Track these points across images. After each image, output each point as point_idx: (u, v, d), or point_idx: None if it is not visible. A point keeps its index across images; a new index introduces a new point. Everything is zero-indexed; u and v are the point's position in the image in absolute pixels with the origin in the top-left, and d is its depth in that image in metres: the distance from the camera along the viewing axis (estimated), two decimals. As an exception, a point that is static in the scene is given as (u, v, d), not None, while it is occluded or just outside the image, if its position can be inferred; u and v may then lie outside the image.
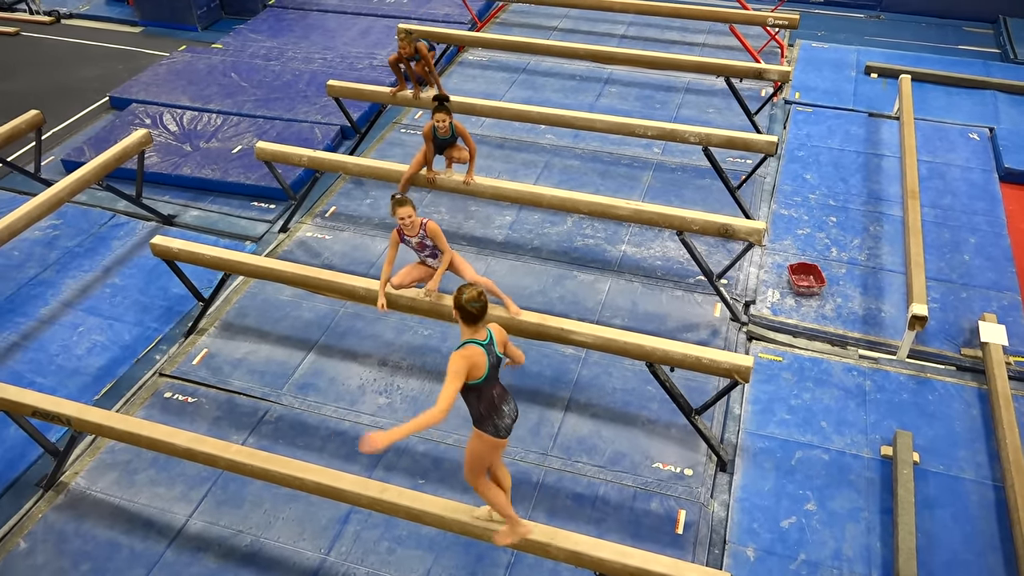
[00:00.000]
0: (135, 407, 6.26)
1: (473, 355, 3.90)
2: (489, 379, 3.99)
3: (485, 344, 3.97)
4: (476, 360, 3.90)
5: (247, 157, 8.90)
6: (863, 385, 6.39)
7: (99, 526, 5.42)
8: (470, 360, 3.88)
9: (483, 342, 3.96)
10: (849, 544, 5.28)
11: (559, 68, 11.20)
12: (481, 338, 3.97)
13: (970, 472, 5.73)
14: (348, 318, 7.07)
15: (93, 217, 8.35)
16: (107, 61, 11.84)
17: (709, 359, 5.40)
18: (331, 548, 5.28)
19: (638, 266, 7.65)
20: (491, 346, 4.01)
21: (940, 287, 7.27)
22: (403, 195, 5.56)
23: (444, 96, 6.93)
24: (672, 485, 5.66)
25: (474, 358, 3.89)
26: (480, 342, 3.95)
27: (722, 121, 9.72)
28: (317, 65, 11.11)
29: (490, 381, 4.01)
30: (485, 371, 3.94)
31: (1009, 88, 10.30)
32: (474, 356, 3.90)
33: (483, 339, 3.97)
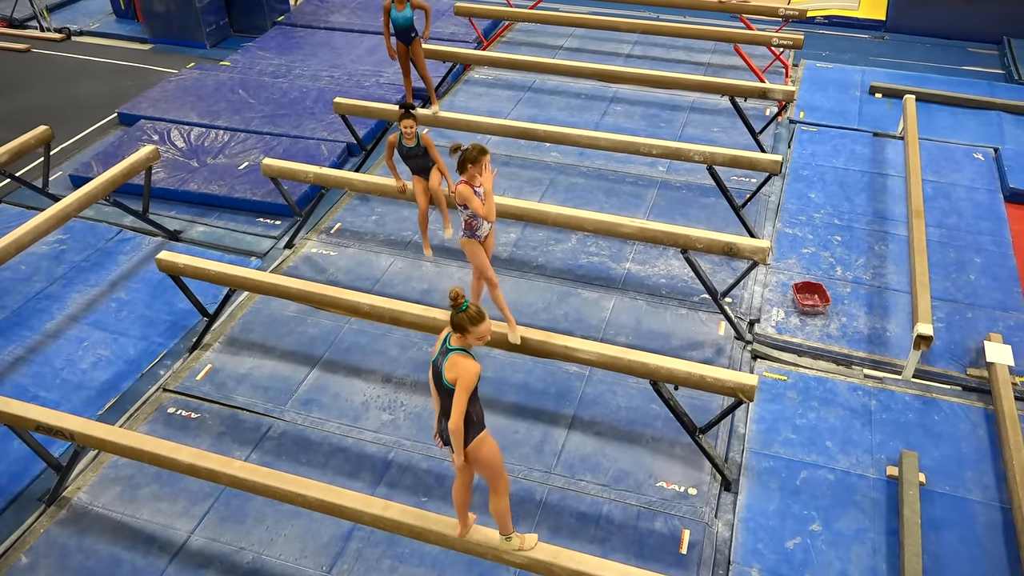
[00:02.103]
0: (139, 422, 6.26)
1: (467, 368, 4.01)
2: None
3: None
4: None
5: (254, 173, 8.95)
6: (868, 405, 6.36)
7: (101, 541, 5.41)
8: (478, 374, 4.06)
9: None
10: (855, 565, 5.23)
11: (564, 87, 11.27)
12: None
13: (977, 493, 5.69)
14: (352, 334, 7.08)
15: (100, 232, 8.39)
16: (116, 77, 11.95)
17: (713, 377, 5.39)
18: (333, 566, 5.25)
19: (642, 284, 7.65)
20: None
21: (945, 307, 7.25)
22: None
23: (410, 103, 6.75)
24: (676, 504, 5.63)
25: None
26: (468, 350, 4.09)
27: (727, 140, 9.75)
28: (324, 82, 11.19)
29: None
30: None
31: (1014, 108, 10.31)
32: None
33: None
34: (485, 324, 4.08)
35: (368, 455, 6.01)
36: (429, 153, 6.68)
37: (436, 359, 4.13)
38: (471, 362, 4.00)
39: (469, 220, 5.46)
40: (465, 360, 4.00)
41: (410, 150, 6.68)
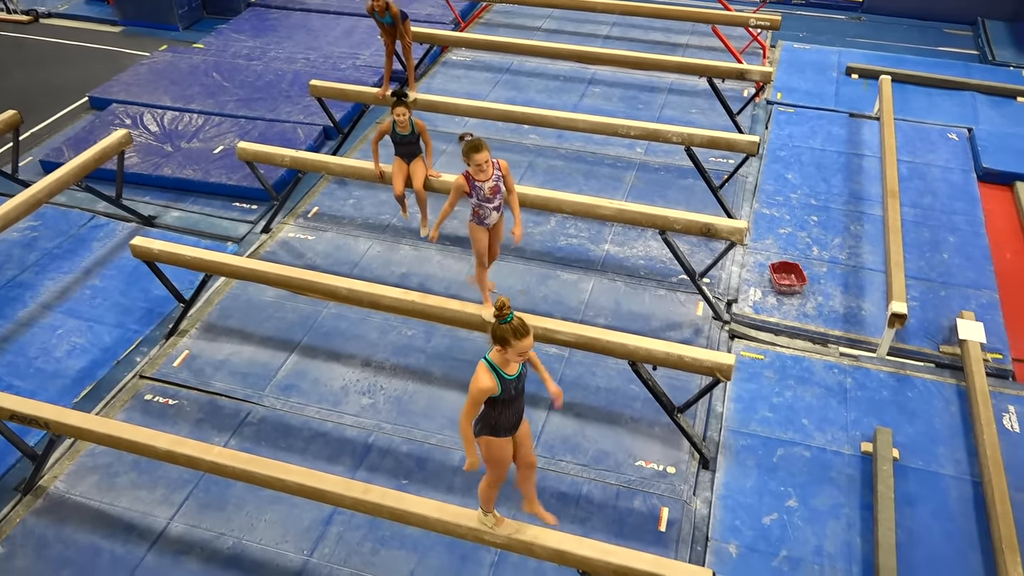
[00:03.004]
0: (115, 410, 6.21)
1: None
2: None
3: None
4: None
5: (229, 157, 8.85)
6: (844, 383, 6.44)
7: (80, 530, 5.38)
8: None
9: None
10: (830, 540, 5.32)
11: (543, 68, 11.22)
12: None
13: (949, 468, 5.79)
14: (331, 319, 7.05)
15: (72, 218, 8.27)
16: (86, 61, 11.74)
17: (691, 357, 5.43)
18: (314, 550, 5.26)
19: (621, 265, 7.67)
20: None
21: (920, 285, 7.34)
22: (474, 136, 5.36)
23: (402, 91, 6.82)
24: (655, 483, 5.68)
25: None
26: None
27: (705, 121, 9.77)
28: (300, 65, 11.07)
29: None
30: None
31: (988, 89, 10.41)
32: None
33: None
34: (528, 340, 3.75)
35: (348, 439, 6.01)
36: (422, 138, 6.80)
37: None
38: (484, 375, 3.79)
39: (476, 208, 5.53)
40: (481, 372, 3.80)
41: (404, 137, 6.76)
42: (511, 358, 3.80)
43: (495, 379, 3.81)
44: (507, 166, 5.54)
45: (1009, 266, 7.72)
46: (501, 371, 3.83)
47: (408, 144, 6.82)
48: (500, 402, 3.89)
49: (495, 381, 3.80)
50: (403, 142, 6.80)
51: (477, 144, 5.26)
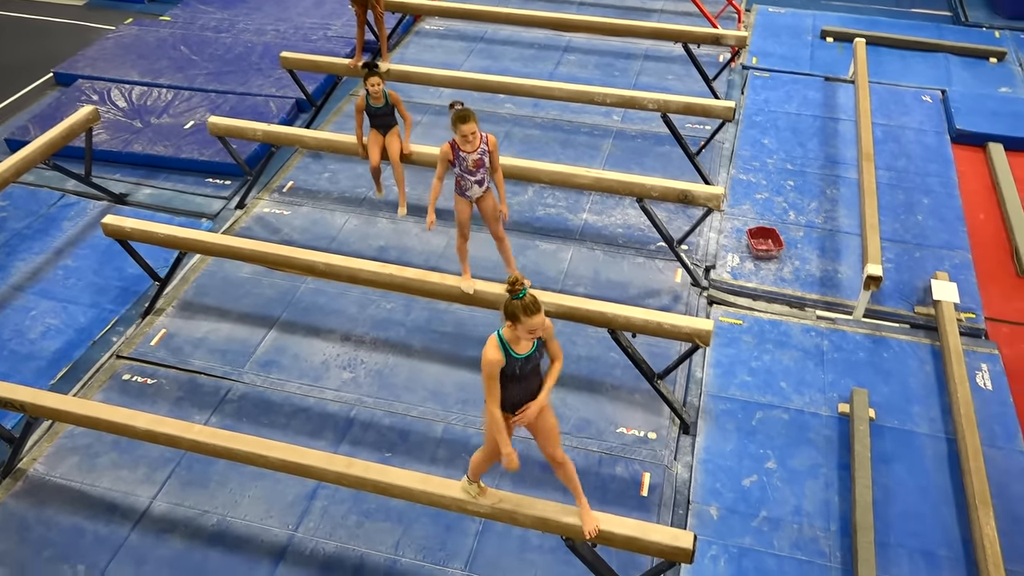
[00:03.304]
0: (93, 390, 6.16)
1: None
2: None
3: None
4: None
5: (200, 133, 8.70)
6: (821, 345, 6.51)
7: (61, 512, 5.35)
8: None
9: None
10: (809, 500, 5.41)
11: (517, 36, 11.10)
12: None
13: (924, 426, 5.89)
14: (310, 294, 7.01)
15: (41, 197, 8.12)
16: (50, 36, 11.44)
17: (670, 324, 5.46)
18: (299, 524, 5.27)
19: (599, 234, 7.67)
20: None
21: (894, 247, 7.41)
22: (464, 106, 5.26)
23: (373, 62, 6.74)
24: (636, 449, 5.74)
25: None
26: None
27: (681, 87, 9.73)
28: (270, 37, 10.87)
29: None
30: None
31: (961, 51, 10.44)
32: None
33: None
34: (537, 318, 3.64)
35: (330, 414, 6.00)
36: (398, 111, 6.71)
37: None
38: (491, 347, 3.75)
39: (458, 178, 5.50)
40: (489, 344, 3.76)
41: (378, 109, 6.67)
42: (521, 335, 3.73)
43: (502, 353, 3.77)
44: (495, 142, 5.46)
45: (982, 226, 7.80)
46: (510, 348, 3.79)
47: (383, 116, 6.74)
48: (504, 376, 3.85)
49: (502, 355, 3.77)
50: (378, 114, 6.72)
51: (465, 115, 5.20)
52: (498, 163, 5.62)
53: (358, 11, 8.24)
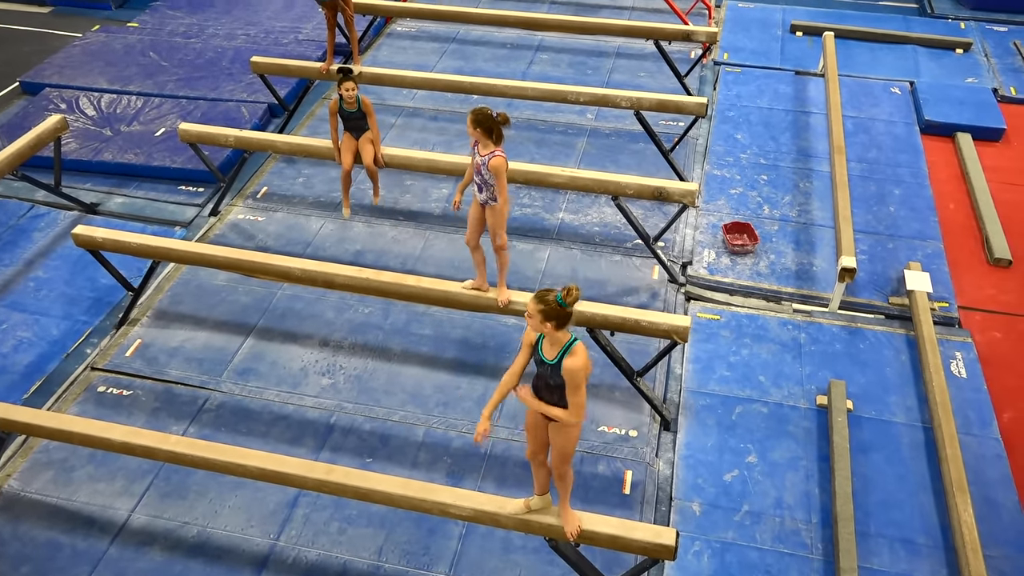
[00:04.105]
0: (67, 403, 6.07)
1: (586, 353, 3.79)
2: None
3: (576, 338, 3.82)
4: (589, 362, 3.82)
5: (171, 140, 8.60)
6: (798, 338, 6.56)
7: (37, 527, 5.27)
8: (589, 361, 3.79)
9: (575, 337, 3.80)
10: (789, 492, 5.45)
11: (490, 36, 11.08)
12: (570, 335, 3.80)
13: (901, 416, 5.96)
14: (286, 300, 6.95)
15: (10, 209, 7.99)
16: (14, 44, 11.26)
17: (648, 321, 5.48)
18: (280, 533, 5.23)
19: (576, 233, 7.68)
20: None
21: (868, 239, 7.49)
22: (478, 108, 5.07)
23: (347, 67, 6.73)
24: (618, 447, 5.75)
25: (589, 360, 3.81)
26: (575, 338, 3.79)
27: (654, 84, 9.77)
28: (240, 41, 10.77)
29: None
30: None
31: (928, 42, 10.57)
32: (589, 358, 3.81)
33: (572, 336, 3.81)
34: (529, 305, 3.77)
35: (310, 421, 5.96)
36: (368, 120, 6.69)
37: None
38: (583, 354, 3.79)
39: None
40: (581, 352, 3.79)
41: (351, 113, 6.67)
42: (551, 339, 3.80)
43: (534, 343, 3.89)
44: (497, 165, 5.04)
45: (952, 216, 7.90)
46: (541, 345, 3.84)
47: (356, 119, 6.72)
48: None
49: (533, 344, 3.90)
50: (351, 117, 6.71)
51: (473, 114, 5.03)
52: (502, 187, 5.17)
53: (328, 14, 8.19)
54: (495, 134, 4.99)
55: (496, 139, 5.00)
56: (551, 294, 3.71)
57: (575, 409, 3.84)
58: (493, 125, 4.95)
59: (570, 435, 4.03)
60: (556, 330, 3.74)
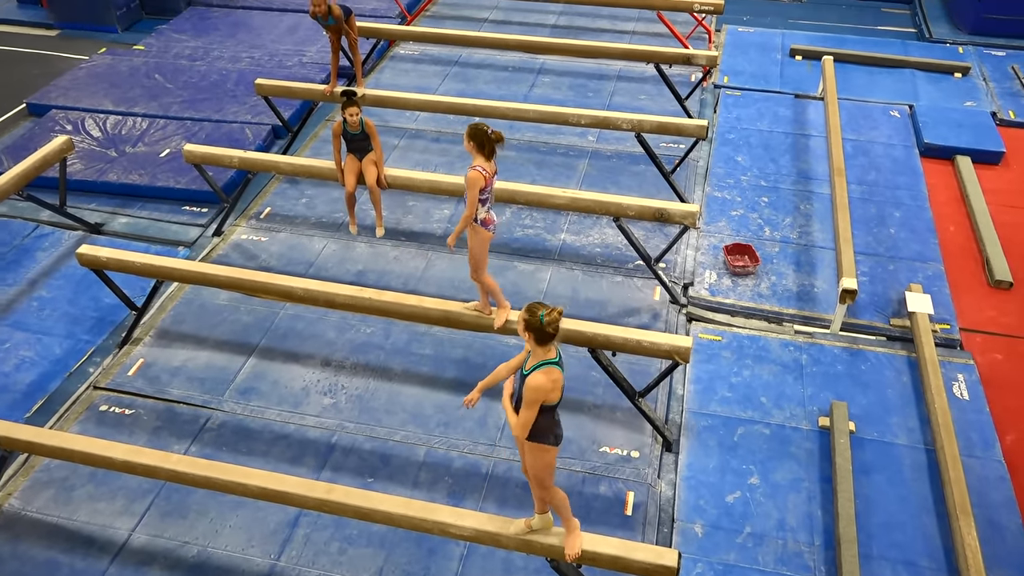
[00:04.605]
0: (69, 422, 6.07)
1: (555, 380, 3.80)
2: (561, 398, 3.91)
3: (558, 361, 3.85)
4: (557, 384, 3.82)
5: (176, 161, 8.67)
6: (799, 359, 6.56)
7: (37, 546, 5.25)
8: (549, 387, 3.79)
9: (556, 360, 3.83)
10: (792, 514, 5.43)
11: (491, 60, 11.19)
12: (553, 356, 3.83)
13: (903, 437, 5.95)
14: (288, 319, 6.97)
15: (15, 229, 8.04)
16: (22, 66, 11.38)
17: (649, 342, 5.49)
18: (281, 553, 5.21)
19: (577, 254, 7.71)
20: (561, 360, 3.90)
21: (868, 261, 7.51)
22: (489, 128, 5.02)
23: (351, 90, 6.81)
24: (620, 468, 5.74)
25: (555, 383, 3.81)
26: (554, 361, 3.82)
27: (654, 107, 9.85)
28: (245, 64, 10.88)
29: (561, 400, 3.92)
30: (562, 392, 3.86)
31: (926, 66, 10.66)
32: (555, 380, 3.81)
33: (555, 356, 3.84)
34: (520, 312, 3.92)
35: (311, 440, 5.96)
36: (370, 139, 6.75)
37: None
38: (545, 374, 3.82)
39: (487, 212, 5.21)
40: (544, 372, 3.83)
41: (355, 135, 6.72)
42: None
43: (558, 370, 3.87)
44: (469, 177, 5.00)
45: (952, 238, 7.93)
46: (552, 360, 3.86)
47: (359, 141, 6.78)
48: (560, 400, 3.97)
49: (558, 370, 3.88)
50: (354, 139, 6.76)
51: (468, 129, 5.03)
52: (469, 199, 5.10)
53: (332, 37, 8.29)
54: (487, 149, 5.03)
55: (487, 154, 5.05)
56: (540, 309, 3.78)
57: (520, 423, 3.86)
58: (485, 140, 4.99)
59: (536, 456, 4.03)
60: (536, 344, 3.81)
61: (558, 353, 3.88)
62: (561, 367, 3.86)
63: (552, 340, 3.82)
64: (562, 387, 3.87)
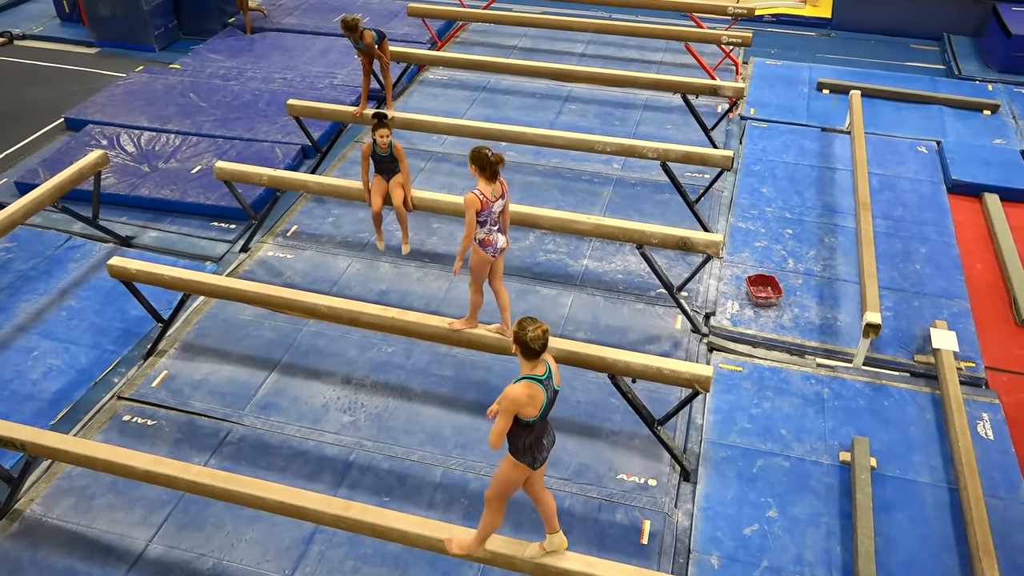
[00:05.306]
0: (92, 431, 6.15)
1: (530, 394, 3.86)
2: (542, 417, 3.95)
3: (544, 379, 3.91)
4: (533, 399, 3.87)
5: (206, 177, 8.83)
6: (821, 393, 6.51)
7: (55, 553, 5.30)
8: (523, 400, 3.85)
9: (542, 377, 3.90)
10: (810, 549, 5.36)
11: (519, 86, 11.32)
12: (540, 373, 3.91)
13: (925, 475, 5.86)
14: (310, 336, 7.04)
15: (48, 239, 8.21)
16: (62, 82, 11.69)
17: (670, 370, 5.48)
18: (295, 569, 5.22)
19: (600, 280, 7.73)
20: (549, 380, 3.95)
21: (893, 296, 7.46)
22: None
23: (383, 113, 6.94)
24: (636, 496, 5.71)
25: (532, 398, 3.86)
26: (538, 378, 3.89)
27: (680, 137, 9.89)
28: (277, 85, 11.09)
29: (543, 418, 3.96)
30: (540, 410, 3.91)
31: (954, 103, 10.64)
32: (531, 395, 3.86)
33: (542, 374, 3.91)
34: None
35: (329, 457, 5.98)
36: (398, 161, 6.88)
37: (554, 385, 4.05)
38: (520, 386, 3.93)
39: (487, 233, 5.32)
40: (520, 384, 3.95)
41: (383, 157, 6.87)
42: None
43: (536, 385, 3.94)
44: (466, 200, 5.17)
45: (979, 276, 7.86)
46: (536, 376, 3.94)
47: (388, 163, 6.90)
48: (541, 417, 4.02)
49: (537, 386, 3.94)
50: (383, 160, 6.88)
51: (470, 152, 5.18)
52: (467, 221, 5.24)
53: (364, 60, 8.44)
54: (487, 171, 5.14)
55: (489, 176, 5.15)
56: (529, 325, 3.87)
57: (493, 430, 3.92)
58: (486, 163, 5.13)
59: (504, 468, 4.13)
60: (523, 358, 3.91)
61: (547, 372, 3.94)
62: (544, 387, 3.90)
63: (538, 356, 3.90)
64: (542, 406, 3.90)
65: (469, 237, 5.25)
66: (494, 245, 5.33)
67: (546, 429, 4.10)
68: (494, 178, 5.16)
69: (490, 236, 5.28)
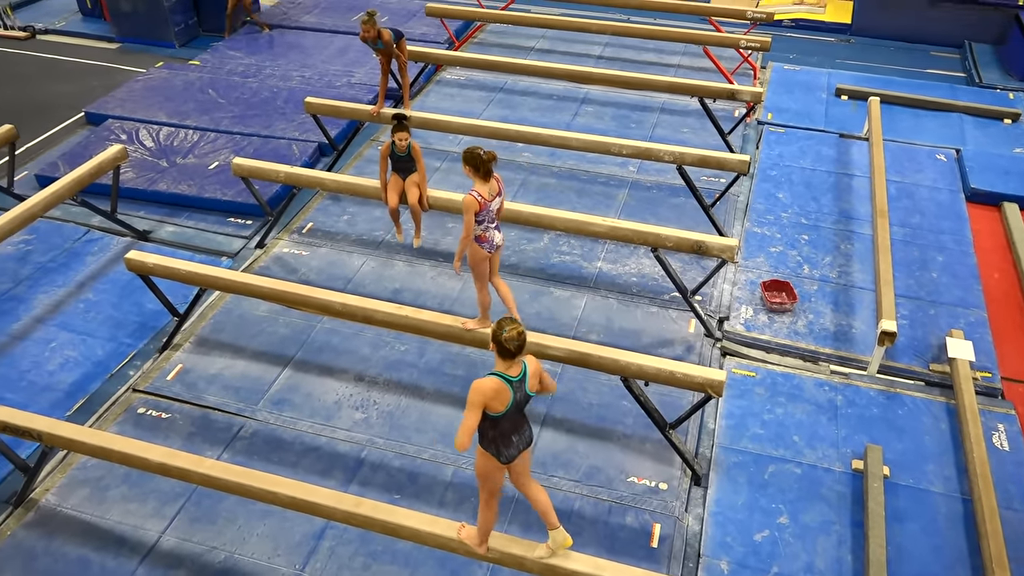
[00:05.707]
0: (108, 423, 6.20)
1: (496, 390, 3.88)
2: (508, 414, 3.96)
3: (516, 380, 3.93)
4: (499, 395, 3.89)
5: (224, 173, 8.89)
6: (834, 400, 6.48)
7: (69, 543, 5.35)
8: (489, 394, 3.87)
9: (513, 378, 3.93)
10: (821, 557, 5.33)
11: (536, 87, 11.33)
12: (513, 374, 3.93)
13: (939, 486, 5.82)
14: (324, 333, 7.07)
15: (67, 232, 8.28)
16: (83, 77, 11.79)
17: (683, 373, 5.47)
18: (305, 564, 5.24)
19: (613, 283, 7.72)
20: (522, 382, 3.97)
21: (909, 304, 7.41)
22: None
23: (403, 114, 6.98)
24: (647, 499, 5.70)
25: (497, 394, 3.89)
26: (509, 377, 3.92)
27: (696, 140, 9.87)
28: (295, 82, 11.15)
29: (509, 416, 3.98)
30: (506, 407, 3.93)
31: (975, 111, 10.56)
32: (497, 391, 3.88)
33: (515, 375, 3.94)
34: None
35: (340, 454, 6.01)
36: (416, 163, 6.92)
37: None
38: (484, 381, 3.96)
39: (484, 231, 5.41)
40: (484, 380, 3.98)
41: (401, 156, 6.91)
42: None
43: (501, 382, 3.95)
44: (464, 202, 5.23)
45: (997, 285, 7.80)
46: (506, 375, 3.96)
47: (405, 162, 6.94)
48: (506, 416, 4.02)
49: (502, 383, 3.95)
50: (400, 160, 6.93)
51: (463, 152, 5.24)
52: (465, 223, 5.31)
53: (382, 60, 8.48)
54: (481, 171, 5.20)
55: (483, 176, 5.20)
56: (507, 325, 3.91)
57: (461, 424, 3.91)
58: (479, 163, 5.17)
59: (480, 461, 4.18)
60: (498, 356, 3.95)
61: (522, 374, 3.96)
62: (514, 388, 3.92)
63: (514, 357, 3.92)
64: (508, 404, 3.92)
65: (468, 239, 5.36)
66: (490, 241, 5.45)
67: (517, 427, 4.10)
68: (488, 177, 5.21)
69: (487, 233, 5.40)
